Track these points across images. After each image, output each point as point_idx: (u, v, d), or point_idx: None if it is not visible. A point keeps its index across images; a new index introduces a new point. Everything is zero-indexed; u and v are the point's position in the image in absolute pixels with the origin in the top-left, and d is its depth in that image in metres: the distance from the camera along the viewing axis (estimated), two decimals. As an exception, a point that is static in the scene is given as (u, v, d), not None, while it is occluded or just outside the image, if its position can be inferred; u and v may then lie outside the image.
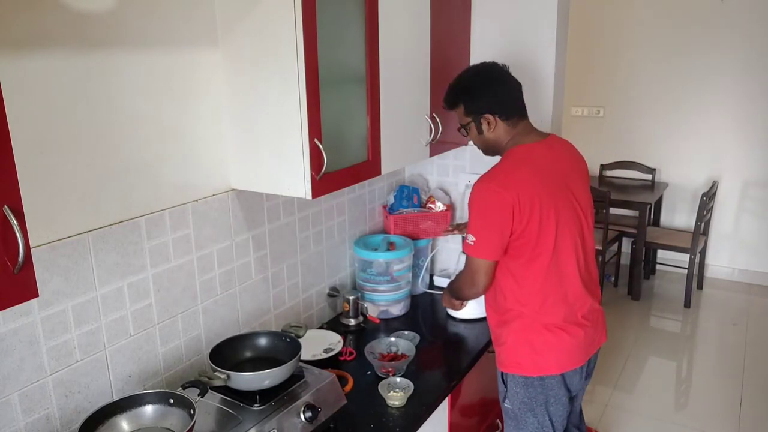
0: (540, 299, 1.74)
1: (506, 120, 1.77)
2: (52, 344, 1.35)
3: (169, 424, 1.37)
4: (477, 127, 1.81)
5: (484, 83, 1.79)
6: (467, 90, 1.81)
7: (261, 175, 1.69)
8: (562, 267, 1.74)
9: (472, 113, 1.80)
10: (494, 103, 1.77)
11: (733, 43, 4.56)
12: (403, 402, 1.73)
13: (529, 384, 1.80)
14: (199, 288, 1.71)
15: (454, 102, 1.84)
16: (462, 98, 1.81)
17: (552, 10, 2.26)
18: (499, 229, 1.67)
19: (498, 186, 1.67)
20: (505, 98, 1.78)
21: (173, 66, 1.54)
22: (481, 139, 1.84)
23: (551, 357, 1.77)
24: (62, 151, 1.31)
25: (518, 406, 1.84)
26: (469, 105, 1.80)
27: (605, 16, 4.93)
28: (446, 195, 2.60)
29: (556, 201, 1.71)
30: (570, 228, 1.74)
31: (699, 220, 4.27)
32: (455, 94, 1.84)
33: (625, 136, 5.04)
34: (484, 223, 1.69)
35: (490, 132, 1.79)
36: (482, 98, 1.78)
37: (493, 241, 1.69)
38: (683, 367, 3.84)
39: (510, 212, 1.65)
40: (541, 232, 1.68)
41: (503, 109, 1.77)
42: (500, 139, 1.80)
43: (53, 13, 1.26)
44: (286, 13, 1.48)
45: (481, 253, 1.72)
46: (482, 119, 1.78)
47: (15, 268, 0.92)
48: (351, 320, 2.24)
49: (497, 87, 1.78)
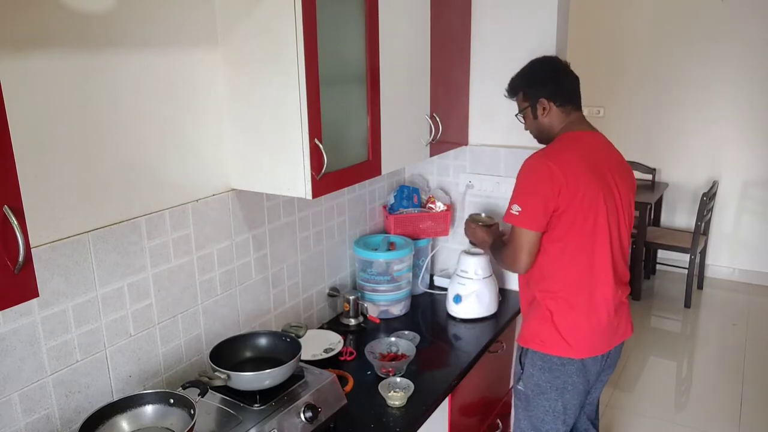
0: (570, 280, 1.80)
1: (560, 106, 1.87)
2: (52, 344, 1.35)
3: (170, 424, 1.37)
4: (533, 112, 1.90)
5: (543, 70, 1.92)
6: (527, 76, 1.93)
7: (261, 175, 1.69)
8: (596, 253, 1.79)
9: (530, 98, 1.90)
10: (550, 89, 1.87)
11: (733, 43, 4.56)
12: (403, 402, 1.73)
13: (546, 367, 1.84)
14: (199, 288, 1.71)
15: (515, 89, 1.96)
16: (522, 85, 1.93)
17: (552, 10, 2.26)
18: (544, 201, 1.73)
19: (549, 160, 1.74)
20: (560, 85, 1.88)
21: (173, 66, 1.54)
22: (535, 123, 1.92)
23: (573, 338, 1.80)
24: (62, 151, 1.31)
25: (532, 389, 1.88)
26: (527, 90, 1.92)
27: (605, 16, 4.93)
28: (446, 195, 2.60)
29: (600, 189, 1.77)
30: (608, 218, 1.79)
31: (699, 220, 4.28)
32: (516, 82, 1.96)
33: (625, 136, 5.04)
34: (531, 192, 1.76)
35: (544, 116, 1.89)
36: (539, 84, 1.89)
37: (538, 212, 1.75)
38: (683, 367, 3.84)
39: (558, 187, 1.71)
40: (581, 215, 1.75)
41: (558, 96, 1.86)
42: (553, 124, 1.89)
43: (53, 13, 1.26)
44: (286, 13, 1.48)
45: (526, 222, 1.76)
46: (538, 104, 1.88)
47: (15, 268, 0.92)
48: (351, 320, 2.24)
49: (555, 75, 1.90)
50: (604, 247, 1.80)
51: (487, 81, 2.42)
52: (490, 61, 2.40)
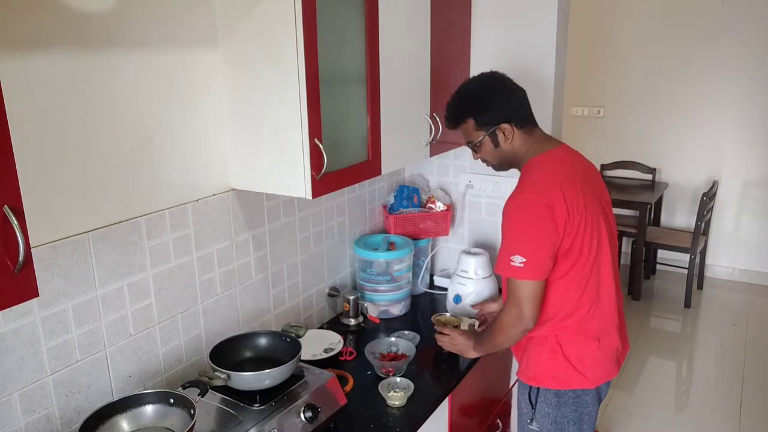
0: (580, 308, 1.64)
1: (522, 128, 1.66)
2: (52, 344, 1.35)
3: (170, 424, 1.37)
4: (492, 141, 1.67)
5: (494, 91, 1.66)
6: (476, 101, 1.66)
7: (261, 175, 1.69)
8: (601, 277, 1.65)
9: (485, 126, 1.66)
10: (509, 110, 1.64)
11: (733, 43, 4.56)
12: (403, 402, 1.73)
13: (562, 403, 1.69)
14: (199, 288, 1.71)
15: (461, 117, 1.69)
16: (470, 111, 1.66)
17: (552, 10, 2.26)
18: (550, 243, 1.53)
19: (540, 196, 1.53)
20: (516, 105, 1.66)
21: (173, 66, 1.54)
22: (497, 153, 1.69)
23: (587, 369, 1.67)
24: (62, 151, 1.31)
25: (548, 428, 1.72)
26: (480, 117, 1.65)
27: (605, 16, 4.93)
28: (446, 195, 2.60)
29: (598, 209, 1.63)
30: (605, 235, 1.65)
31: (699, 220, 4.27)
32: (461, 108, 1.69)
33: (625, 136, 5.04)
34: (532, 237, 1.54)
35: (507, 143, 1.66)
36: (493, 107, 1.64)
37: (544, 258, 1.54)
38: (683, 367, 3.84)
39: (562, 221, 1.53)
40: (587, 244, 1.58)
41: (519, 117, 1.65)
42: (517, 150, 1.67)
43: (54, 13, 1.26)
44: (286, 13, 1.48)
45: (533, 273, 1.54)
46: (498, 131, 1.65)
47: (15, 267, 0.92)
48: (351, 320, 2.24)
49: (507, 94, 1.66)
50: (608, 270, 1.66)
51: (487, 81, 2.41)
52: (490, 62, 2.40)
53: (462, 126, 1.70)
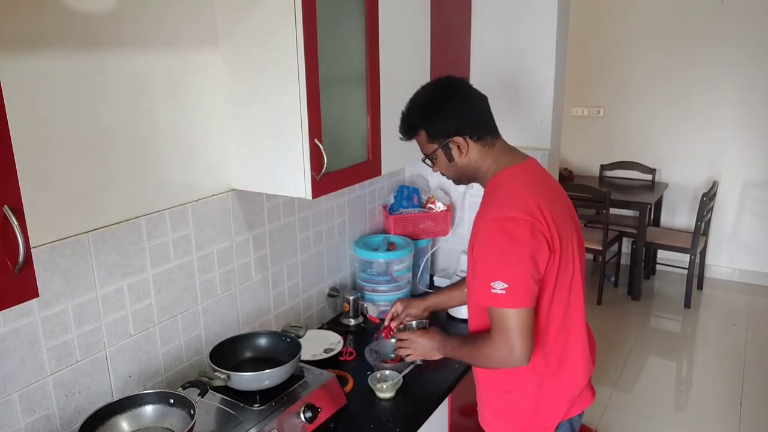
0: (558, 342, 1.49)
1: (479, 140, 1.49)
2: (52, 344, 1.35)
3: (170, 424, 1.37)
4: (446, 154, 1.50)
5: (445, 100, 1.49)
6: (426, 111, 1.50)
7: (261, 176, 1.69)
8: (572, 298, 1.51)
9: (437, 138, 1.49)
10: (461, 122, 1.47)
11: (733, 43, 4.56)
12: (392, 393, 1.72)
13: None
14: (199, 288, 1.71)
15: (412, 129, 1.53)
16: (421, 123, 1.50)
17: (552, 10, 2.26)
18: (534, 265, 1.37)
19: (521, 213, 1.38)
20: (472, 115, 1.49)
21: (173, 66, 1.54)
22: (452, 167, 1.53)
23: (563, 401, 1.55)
24: (62, 151, 1.31)
25: None
26: (431, 129, 1.49)
27: (605, 16, 4.93)
28: (446, 195, 2.60)
29: (571, 225, 1.50)
30: (581, 256, 1.53)
31: (699, 220, 4.28)
32: (412, 119, 1.53)
33: (625, 136, 5.04)
34: (513, 259, 1.36)
35: (462, 157, 1.50)
36: (445, 118, 1.48)
37: (529, 282, 1.36)
38: (683, 367, 3.84)
39: (543, 239, 1.38)
40: (563, 265, 1.44)
41: (473, 128, 1.48)
42: (475, 164, 1.51)
43: (53, 13, 1.26)
44: (286, 14, 1.48)
45: (517, 300, 1.36)
46: (451, 144, 1.48)
47: (15, 268, 0.92)
48: (351, 320, 2.23)
49: (461, 102, 1.49)
50: (578, 288, 1.52)
51: (487, 81, 2.42)
52: (490, 61, 2.40)
53: (415, 138, 1.55)
